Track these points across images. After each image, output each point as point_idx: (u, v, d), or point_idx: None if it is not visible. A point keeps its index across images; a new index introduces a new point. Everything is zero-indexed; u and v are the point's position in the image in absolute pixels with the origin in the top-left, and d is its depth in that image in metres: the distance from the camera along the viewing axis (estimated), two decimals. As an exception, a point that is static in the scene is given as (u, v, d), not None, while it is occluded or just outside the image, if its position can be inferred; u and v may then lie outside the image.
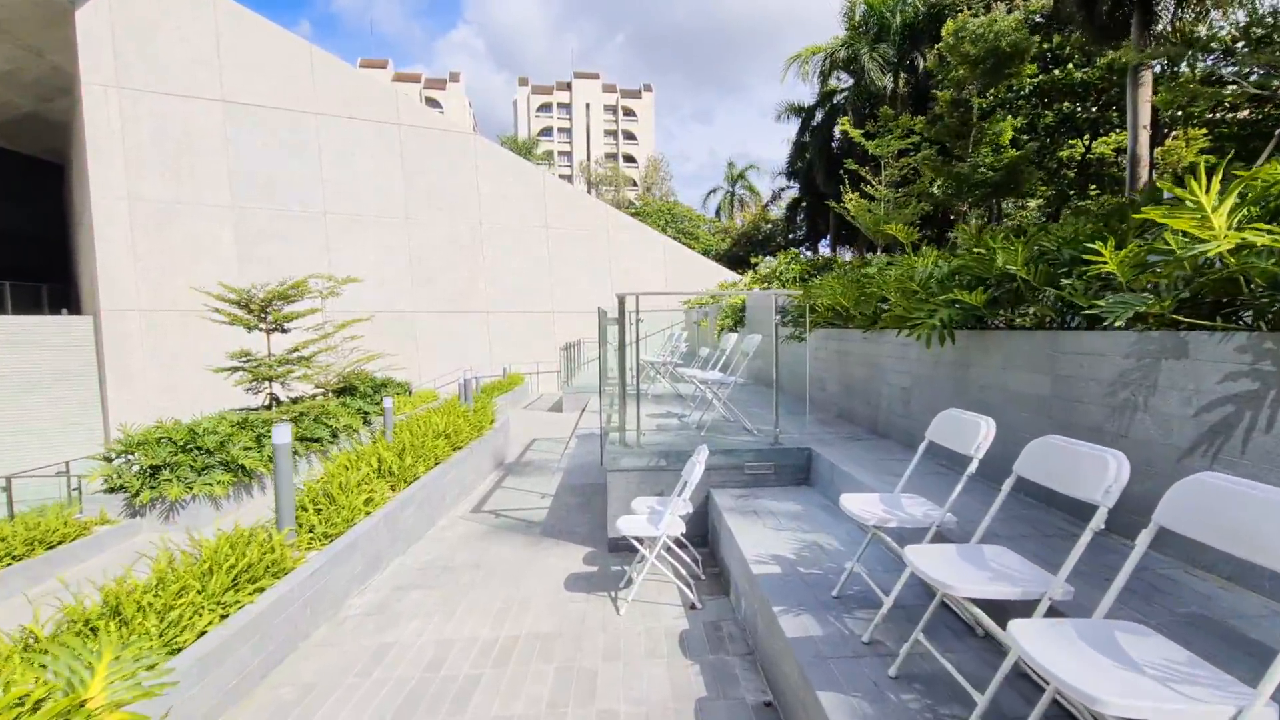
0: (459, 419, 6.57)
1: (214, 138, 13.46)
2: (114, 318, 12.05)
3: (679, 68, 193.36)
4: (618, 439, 4.34)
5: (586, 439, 8.87)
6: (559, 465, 7.38)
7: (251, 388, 9.03)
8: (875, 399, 4.61)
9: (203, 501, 7.05)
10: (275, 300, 9.05)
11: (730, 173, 46.26)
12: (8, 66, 12.53)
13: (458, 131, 17.30)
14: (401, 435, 5.67)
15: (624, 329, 4.48)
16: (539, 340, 18.46)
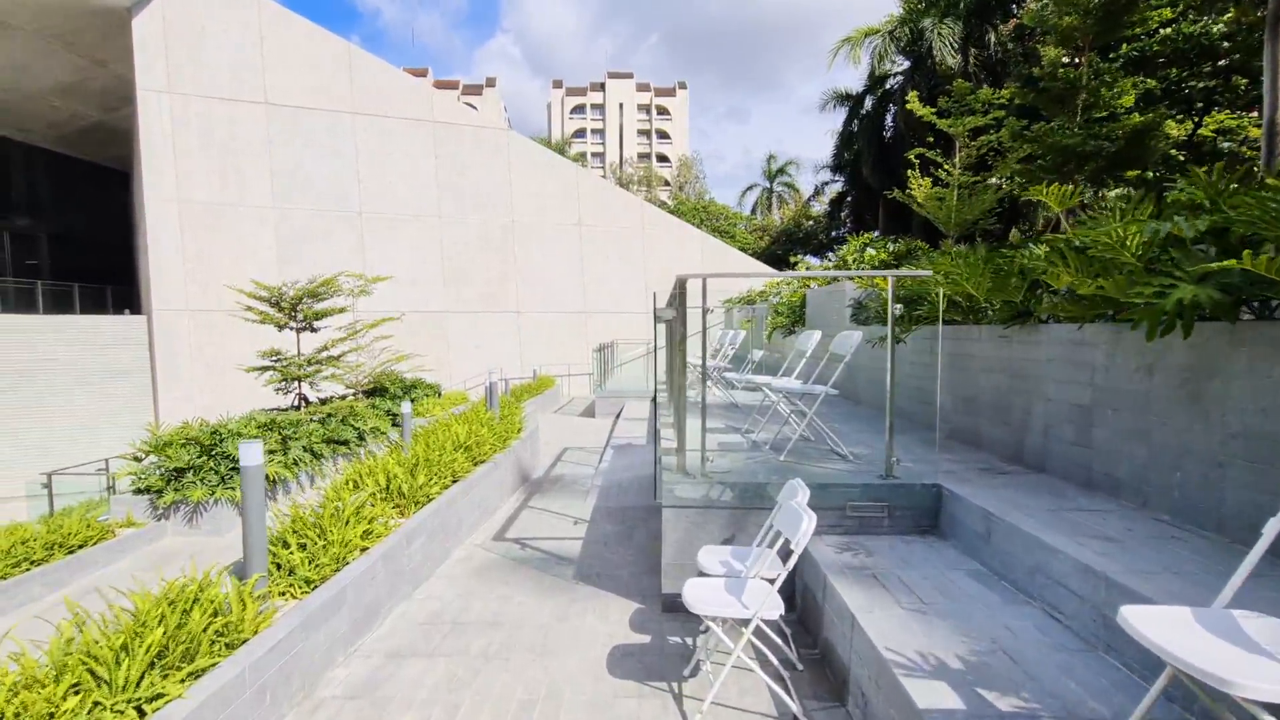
0: (482, 428, 6.27)
1: (257, 139, 13.82)
2: (164, 317, 12.53)
3: (713, 66, 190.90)
4: (674, 463, 3.54)
5: (623, 450, 8.48)
6: (593, 482, 6.90)
7: (281, 388, 9.09)
8: (1020, 418, 3.59)
9: (226, 505, 7.03)
10: (305, 298, 9.09)
11: (768, 168, 44.91)
12: (74, 78, 13.23)
13: (491, 127, 17.26)
14: (417, 447, 5.30)
15: (683, 321, 3.74)
16: (570, 341, 18.25)
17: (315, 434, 8.60)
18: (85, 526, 6.25)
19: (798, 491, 2.58)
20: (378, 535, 3.71)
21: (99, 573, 5.95)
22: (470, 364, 16.73)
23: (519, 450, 6.74)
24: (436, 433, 5.78)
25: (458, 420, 6.75)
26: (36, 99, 13.48)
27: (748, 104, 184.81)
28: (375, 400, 10.86)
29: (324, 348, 9.37)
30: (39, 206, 15.76)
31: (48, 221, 15.97)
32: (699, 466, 3.52)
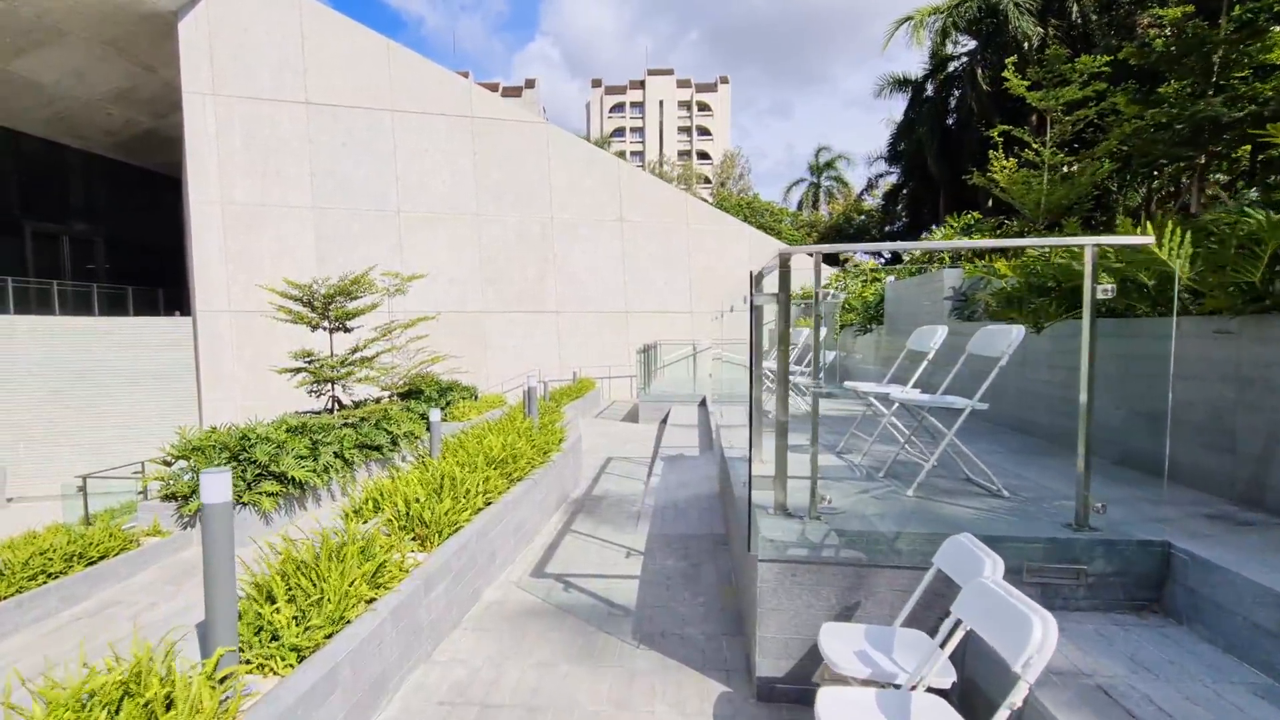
0: (520, 439, 5.55)
1: (297, 140, 13.73)
2: (208, 319, 12.55)
3: (755, 61, 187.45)
4: (770, 501, 2.73)
5: (674, 463, 7.62)
6: (644, 501, 6.04)
7: (314, 390, 8.71)
8: (1258, 444, 2.60)
9: (251, 513, 6.59)
10: (337, 297, 8.67)
11: (815, 162, 43.33)
12: (126, 84, 13.50)
13: (530, 121, 16.78)
14: (446, 461, 4.58)
15: (786, 311, 2.74)
16: (611, 342, 17.55)
17: (347, 439, 8.14)
18: (108, 536, 5.86)
19: (981, 561, 1.67)
20: (391, 578, 2.94)
21: (119, 586, 5.55)
22: (508, 365, 16.26)
23: (560, 464, 5.99)
24: (468, 445, 5.08)
25: (493, 429, 6.06)
26: (92, 106, 13.87)
27: (791, 99, 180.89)
28: (410, 403, 10.41)
29: (356, 348, 8.94)
30: (96, 212, 16.33)
31: (104, 226, 16.53)
32: (808, 507, 2.62)
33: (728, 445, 4.86)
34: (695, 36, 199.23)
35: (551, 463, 5.59)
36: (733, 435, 5.09)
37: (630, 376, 17.84)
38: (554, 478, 5.71)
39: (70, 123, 14.28)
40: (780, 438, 2.68)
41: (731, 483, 3.94)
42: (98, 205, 16.42)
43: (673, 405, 12.90)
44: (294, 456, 7.08)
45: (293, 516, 7.02)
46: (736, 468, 4.00)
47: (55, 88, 12.73)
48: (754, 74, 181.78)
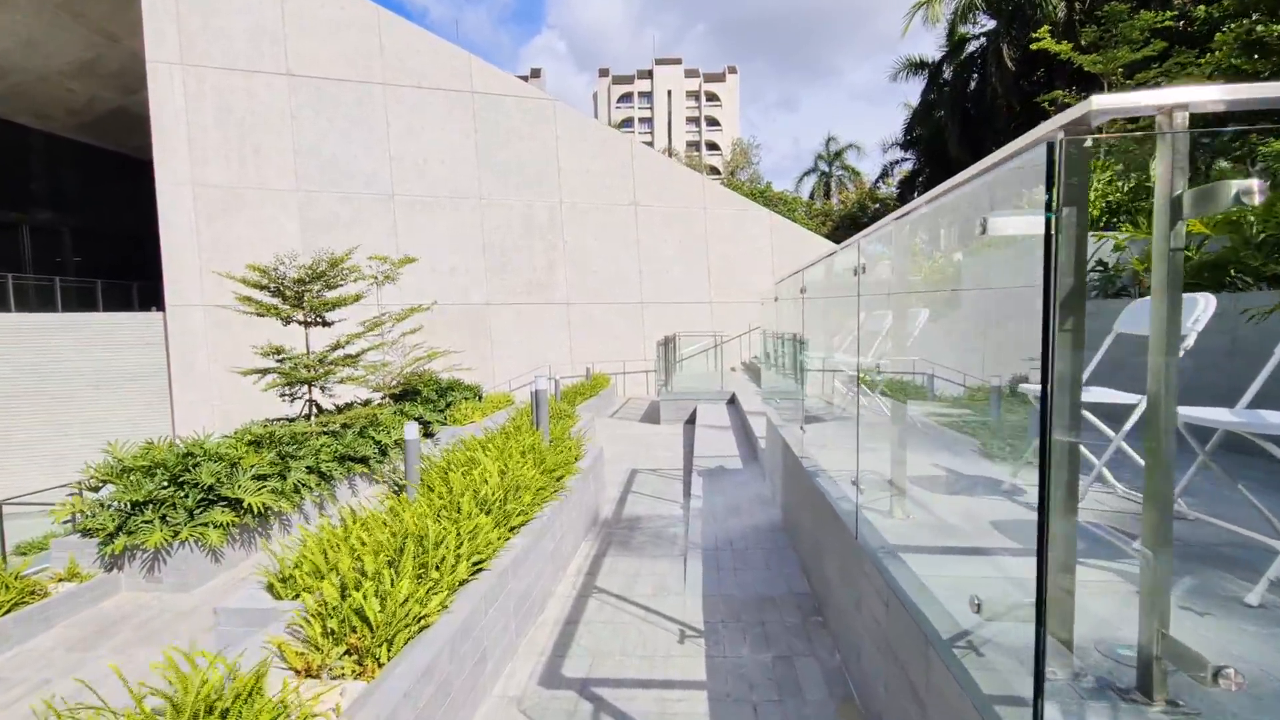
0: (525, 463, 4.11)
1: (277, 115, 12.41)
2: (179, 314, 11.28)
3: (762, 53, 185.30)
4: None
5: (716, 478, 6.20)
6: (691, 540, 4.46)
7: (286, 393, 7.38)
8: None
9: (194, 551, 5.26)
10: (311, 283, 7.33)
11: (826, 151, 42.12)
12: (87, 55, 12.22)
13: (535, 97, 15.37)
14: (420, 503, 3.17)
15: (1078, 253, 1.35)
16: (626, 335, 16.17)
17: (325, 450, 6.81)
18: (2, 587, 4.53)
19: None
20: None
21: (8, 654, 4.23)
22: (515, 361, 14.92)
23: (580, 489, 4.58)
24: (453, 475, 3.65)
25: (491, 446, 4.59)
26: (51, 81, 12.60)
27: (797, 93, 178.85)
28: (404, 406, 9.07)
29: (337, 344, 7.60)
30: (62, 199, 15.06)
31: (72, 215, 15.26)
32: (1133, 657, 1.13)
33: (813, 463, 3.48)
34: (702, 29, 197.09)
35: (567, 491, 4.16)
36: (826, 454, 3.70)
37: (647, 371, 16.49)
38: (571, 511, 4.29)
39: (28, 100, 13.01)
40: (1066, 521, 1.24)
41: (828, 524, 2.58)
42: (65, 192, 15.13)
43: (698, 403, 11.54)
44: (252, 477, 5.74)
45: (251, 550, 5.69)
46: (841, 509, 2.60)
47: (5, 59, 11.47)
48: (761, 67, 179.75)
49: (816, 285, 4.26)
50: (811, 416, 4.22)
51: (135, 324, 11.30)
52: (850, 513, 2.51)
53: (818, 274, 4.09)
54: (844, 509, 2.65)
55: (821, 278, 4.05)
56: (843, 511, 2.64)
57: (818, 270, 3.93)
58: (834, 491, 2.95)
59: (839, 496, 2.85)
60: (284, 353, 7.20)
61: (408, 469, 3.60)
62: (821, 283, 4.12)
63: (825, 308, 4.10)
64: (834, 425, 3.83)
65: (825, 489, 3.03)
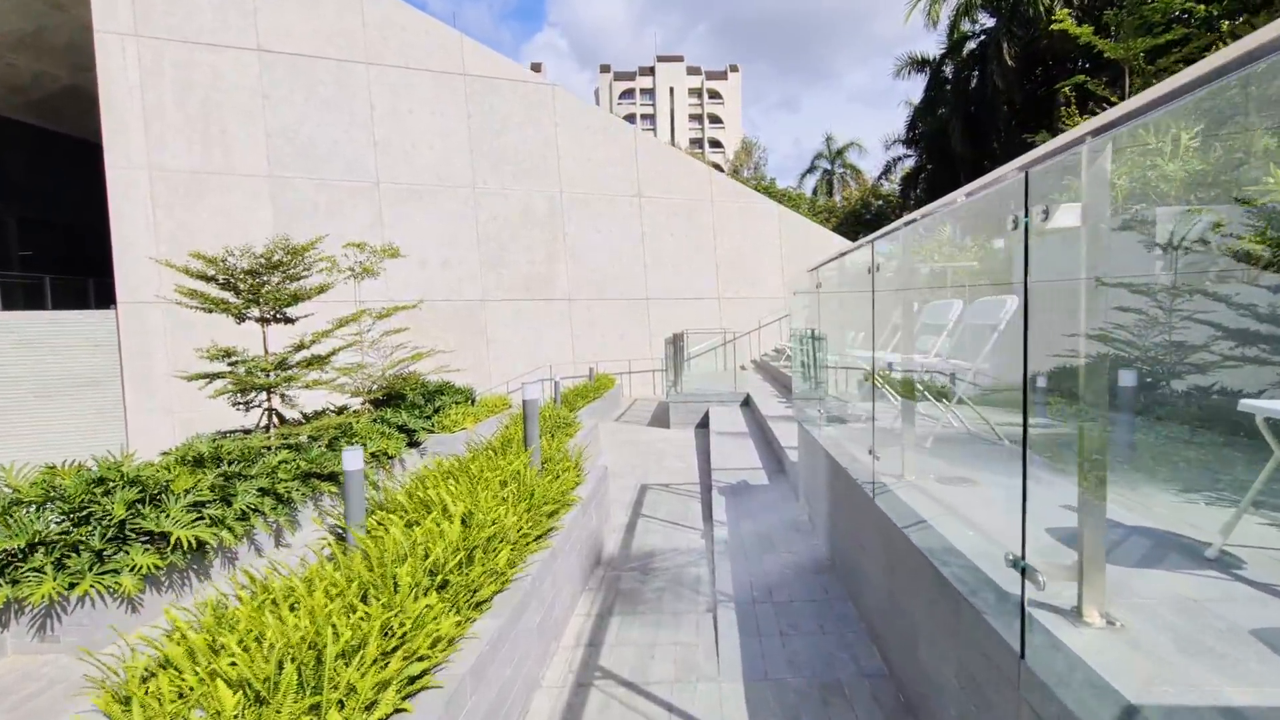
0: (503, 504, 2.86)
1: (247, 94, 11.27)
2: (133, 311, 10.11)
3: (764, 55, 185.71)
4: None
5: (740, 495, 5.10)
6: (716, 588, 3.40)
7: (239, 401, 6.24)
8: None
9: (106, 600, 4.14)
10: (267, 274, 6.19)
11: (828, 149, 41.67)
12: (28, 27, 11.05)
13: (533, 82, 14.28)
14: (365, 562, 2.11)
15: None
16: (631, 333, 15.09)
17: (284, 468, 5.67)
18: None
19: None
20: None
21: None
22: (513, 361, 13.79)
23: (578, 526, 3.44)
24: (398, 527, 2.47)
25: (463, 476, 3.36)
26: (-6, 57, 11.41)
27: (798, 94, 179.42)
28: (385, 412, 7.94)
29: (301, 344, 6.47)
30: (5, 187, 13.76)
31: (17, 204, 13.98)
32: None
33: (897, 503, 2.38)
34: (704, 29, 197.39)
35: (562, 532, 3.00)
36: (927, 497, 2.61)
37: (654, 371, 15.41)
38: (568, 559, 3.10)
39: (-35, 77, 11.79)
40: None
41: (938, 607, 1.47)
42: (8, 179, 13.82)
43: (710, 406, 10.48)
44: (184, 506, 4.60)
45: (184, 594, 4.54)
46: (972, 599, 1.49)
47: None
48: (763, 68, 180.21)
49: (892, 265, 3.12)
50: (887, 436, 3.13)
51: (85, 323, 10.13)
52: (996, 608, 1.39)
53: (894, 245, 2.96)
54: (982, 602, 1.53)
55: (903, 250, 2.92)
56: (983, 605, 1.53)
57: (895, 242, 2.81)
58: (955, 563, 1.82)
59: (973, 582, 1.72)
60: (235, 354, 6.07)
61: (348, 509, 2.47)
62: (903, 260, 2.99)
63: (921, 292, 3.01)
64: (946, 455, 2.74)
65: (929, 550, 1.91)
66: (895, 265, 2.43)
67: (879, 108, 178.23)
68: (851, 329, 3.46)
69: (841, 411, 3.63)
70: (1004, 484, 2.27)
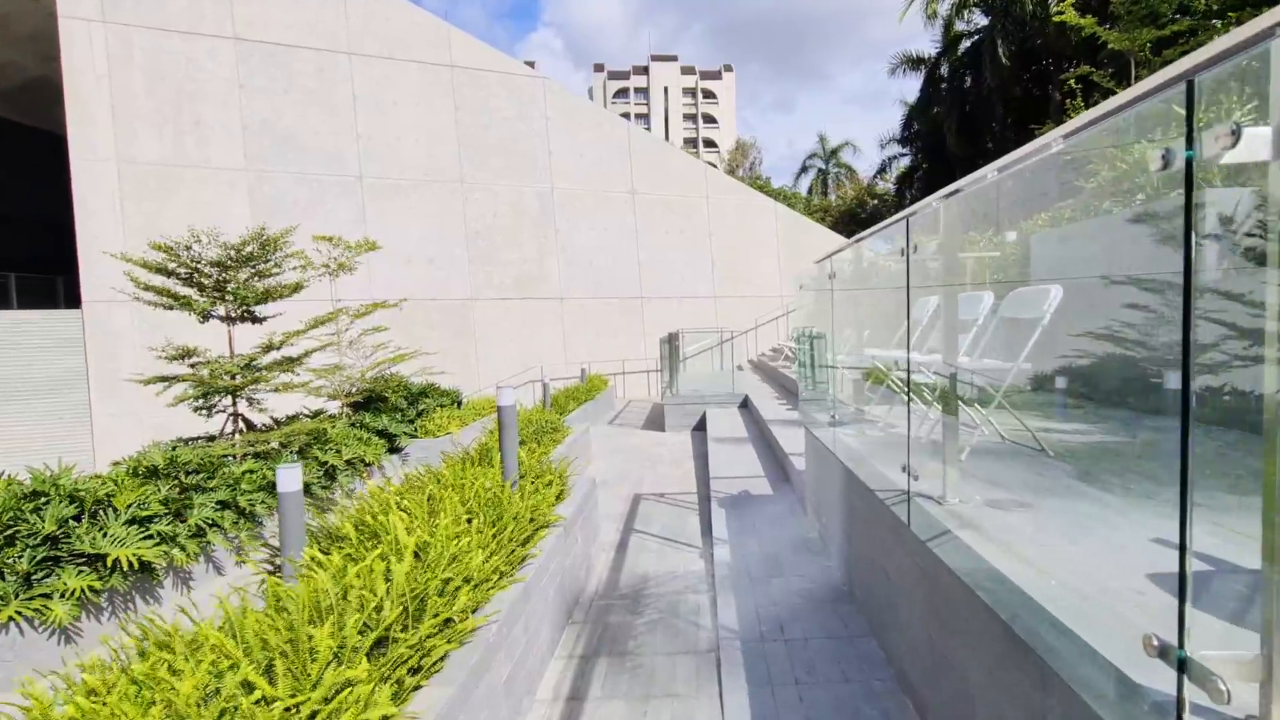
0: (470, 536, 2.28)
1: (223, 83, 10.79)
2: (99, 311, 9.61)
3: (758, 56, 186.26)
4: None
5: (741, 507, 4.71)
6: (722, 618, 2.98)
7: (201, 406, 5.80)
8: None
9: (35, 630, 3.72)
10: (233, 267, 5.74)
11: (822, 150, 41.69)
12: (-5, 12, 10.54)
13: (524, 74, 13.87)
14: (293, 607, 1.73)
15: None
16: (625, 332, 14.69)
17: (248, 478, 5.24)
18: None
19: None
20: None
21: None
22: (503, 362, 13.36)
23: (558, 553, 3.00)
24: (324, 572, 2.03)
25: (420, 503, 2.80)
26: (-46, 45, 10.89)
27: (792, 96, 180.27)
28: (365, 416, 7.51)
29: (270, 344, 6.02)
30: None
31: None
32: None
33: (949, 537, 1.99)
34: (698, 31, 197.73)
35: (538, 559, 2.58)
36: (980, 531, 2.23)
37: (648, 371, 15.02)
38: (544, 595, 2.64)
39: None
40: None
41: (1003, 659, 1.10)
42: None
43: (707, 408, 10.10)
44: (125, 522, 4.16)
45: (127, 620, 4.10)
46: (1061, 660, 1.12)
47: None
48: (757, 70, 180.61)
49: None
50: (917, 447, 2.73)
51: (48, 324, 9.62)
52: (1121, 708, 0.99)
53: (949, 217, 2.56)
54: (1086, 687, 1.13)
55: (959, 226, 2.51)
56: (1087, 691, 1.13)
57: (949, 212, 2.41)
58: (1033, 621, 1.42)
59: (1067, 653, 1.31)
60: (196, 355, 5.62)
61: (284, 538, 2.05)
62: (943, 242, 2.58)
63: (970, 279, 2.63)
64: (988, 471, 2.34)
65: (992, 597, 1.52)
66: (931, 249, 2.04)
67: (873, 110, 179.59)
68: (871, 326, 3.08)
69: (858, 419, 3.25)
70: (1066, 509, 1.89)
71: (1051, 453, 2.18)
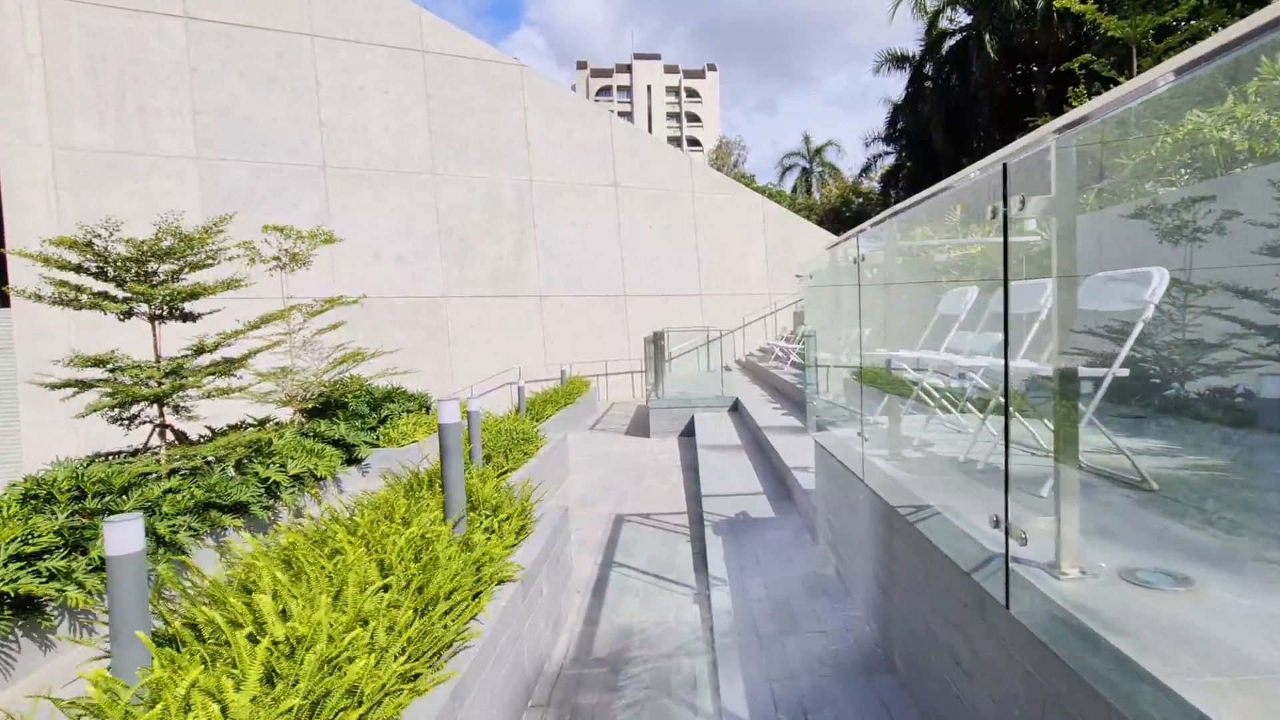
0: (377, 620, 1.77)
1: (172, 66, 10.03)
2: (29, 311, 8.84)
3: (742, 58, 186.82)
4: None
5: (738, 535, 4.13)
6: (725, 699, 2.36)
7: (119, 417, 5.13)
8: None
9: None
10: (150, 261, 5.08)
11: (806, 149, 41.65)
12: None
13: (500, 61, 13.23)
14: None
15: None
16: (607, 332, 14.13)
17: (170, 499, 4.59)
18: None
19: None
20: None
21: None
22: (480, 363, 12.72)
23: (511, 622, 2.32)
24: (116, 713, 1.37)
25: (312, 572, 2.01)
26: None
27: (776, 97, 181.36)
28: (321, 424, 6.84)
29: (201, 347, 5.37)
30: None
31: None
32: None
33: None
34: (682, 31, 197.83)
35: (481, 643, 1.98)
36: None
37: (633, 373, 14.47)
38: (492, 684, 2.06)
39: None
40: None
41: None
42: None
43: (695, 411, 9.59)
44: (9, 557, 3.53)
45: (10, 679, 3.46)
46: None
47: None
48: (741, 71, 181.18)
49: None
50: (989, 478, 2.18)
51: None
52: None
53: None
54: None
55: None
56: None
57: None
58: None
59: None
60: (111, 360, 4.96)
61: (113, 622, 1.56)
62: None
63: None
64: (1096, 522, 1.79)
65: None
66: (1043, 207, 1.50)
67: (856, 112, 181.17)
68: (910, 322, 2.52)
69: (896, 438, 2.63)
70: (1243, 584, 1.30)
71: (1155, 484, 1.67)
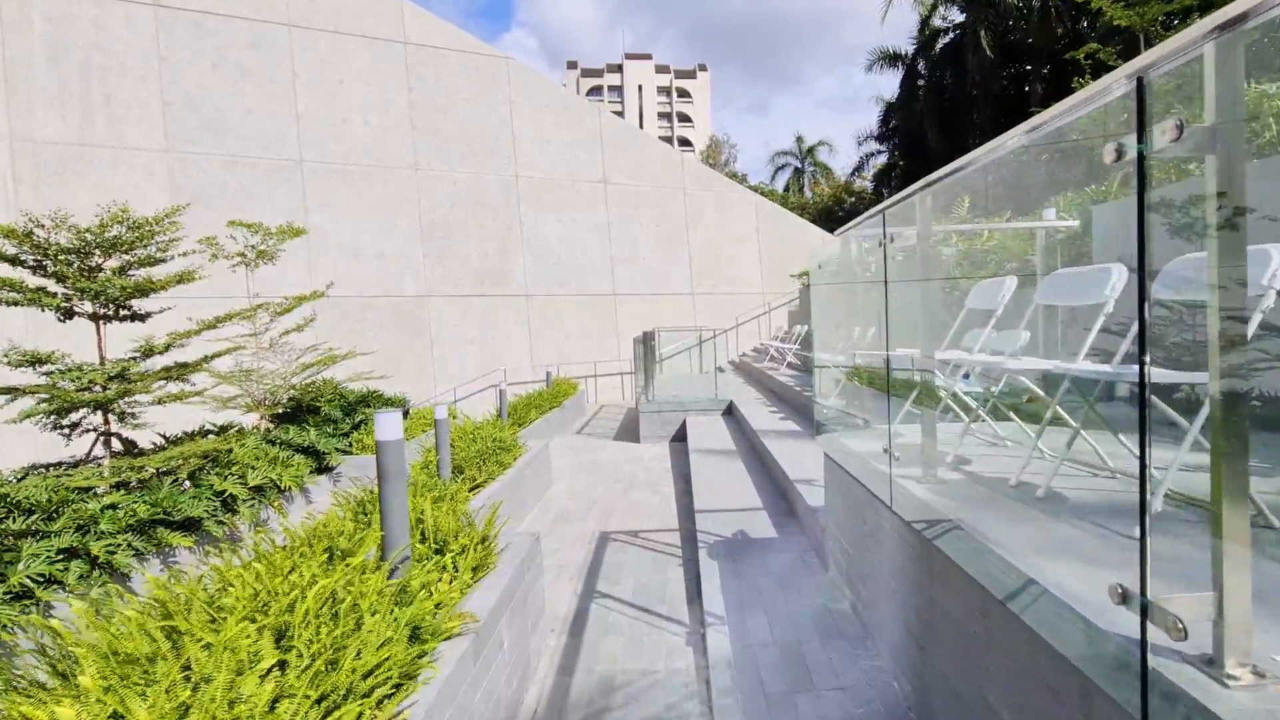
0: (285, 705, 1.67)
1: (140, 56, 9.63)
2: (-14, 311, 8.45)
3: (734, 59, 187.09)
4: None
5: (737, 559, 3.77)
6: None
7: (60, 425, 4.77)
8: None
9: None
10: (96, 251, 4.72)
11: (799, 149, 41.64)
12: None
13: (485, 53, 12.88)
14: None
15: None
16: (596, 333, 13.81)
17: (109, 516, 4.23)
18: None
19: None
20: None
21: None
22: (463, 365, 12.37)
23: (457, 694, 1.96)
24: None
25: (196, 623, 1.83)
26: None
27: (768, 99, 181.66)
28: (289, 430, 6.47)
29: (150, 348, 5.01)
30: None
31: None
32: None
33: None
34: (674, 33, 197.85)
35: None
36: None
37: (622, 374, 14.15)
38: None
39: None
40: None
41: None
42: None
43: (687, 415, 9.27)
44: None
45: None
46: None
47: None
48: (733, 72, 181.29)
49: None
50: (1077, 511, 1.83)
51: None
52: None
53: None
54: None
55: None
56: None
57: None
58: None
59: None
60: (49, 360, 4.60)
61: None
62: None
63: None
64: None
65: None
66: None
67: (846, 113, 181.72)
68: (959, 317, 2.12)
69: (931, 457, 2.16)
70: None
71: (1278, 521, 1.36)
